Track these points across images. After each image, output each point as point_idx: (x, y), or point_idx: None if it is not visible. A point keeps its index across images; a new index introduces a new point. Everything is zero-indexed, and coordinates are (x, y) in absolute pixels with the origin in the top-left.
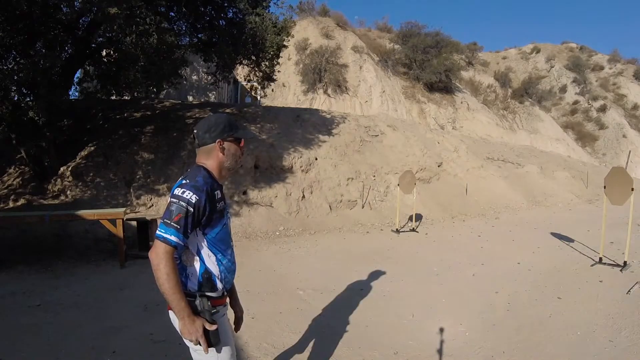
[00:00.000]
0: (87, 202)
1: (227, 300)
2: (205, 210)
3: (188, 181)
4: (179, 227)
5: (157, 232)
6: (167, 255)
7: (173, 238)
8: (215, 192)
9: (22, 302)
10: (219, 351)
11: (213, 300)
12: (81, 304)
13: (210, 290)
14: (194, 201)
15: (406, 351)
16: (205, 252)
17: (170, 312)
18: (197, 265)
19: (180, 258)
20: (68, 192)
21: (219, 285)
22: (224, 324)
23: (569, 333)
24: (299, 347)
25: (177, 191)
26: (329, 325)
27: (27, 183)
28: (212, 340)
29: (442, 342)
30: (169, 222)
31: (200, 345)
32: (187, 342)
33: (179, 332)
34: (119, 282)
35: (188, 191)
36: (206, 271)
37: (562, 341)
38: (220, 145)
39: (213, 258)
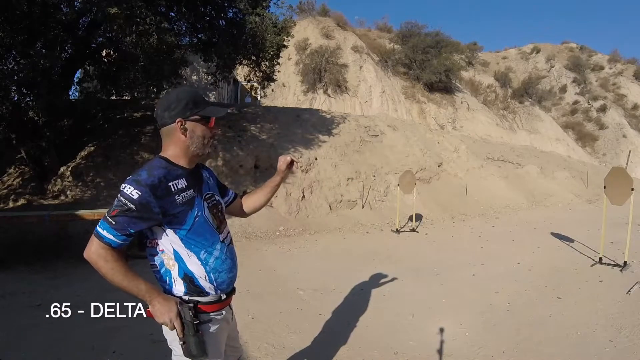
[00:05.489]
0: (87, 202)
1: (228, 304)
2: (154, 207)
3: (131, 176)
4: (113, 223)
5: (96, 226)
6: (103, 251)
7: (105, 233)
8: (172, 184)
9: (22, 302)
10: None
11: (204, 306)
12: (81, 304)
13: (198, 294)
14: (135, 197)
15: (406, 351)
16: (184, 252)
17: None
18: (176, 269)
19: (162, 263)
20: (68, 192)
21: (208, 288)
22: (215, 336)
23: (569, 333)
24: (298, 347)
25: (121, 186)
26: (329, 325)
27: (27, 183)
28: (196, 350)
29: (442, 342)
30: (106, 215)
31: (177, 344)
32: (169, 343)
33: (164, 333)
34: None
35: (129, 186)
36: (186, 275)
37: (562, 341)
38: (182, 125)
39: (194, 258)
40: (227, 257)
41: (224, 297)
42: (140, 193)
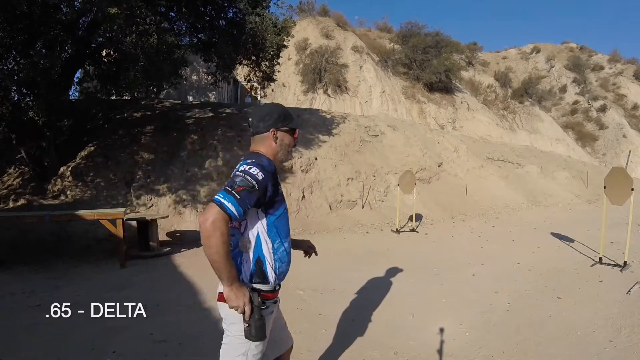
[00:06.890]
0: (87, 202)
1: (278, 296)
2: (268, 191)
3: (254, 160)
4: (239, 197)
5: (216, 196)
6: (223, 222)
7: (230, 206)
8: (277, 176)
9: (22, 302)
10: (254, 345)
11: (263, 294)
12: (81, 304)
13: (262, 281)
14: (260, 178)
15: (406, 351)
16: (264, 236)
17: (219, 302)
18: (251, 251)
19: (237, 244)
20: (68, 192)
21: (271, 275)
22: (269, 321)
23: (569, 333)
24: (298, 347)
25: (244, 167)
26: (329, 325)
27: (27, 183)
28: (256, 333)
29: (442, 342)
30: (230, 189)
31: (241, 323)
32: (224, 324)
33: (223, 316)
34: (119, 282)
35: (255, 168)
36: (259, 259)
37: (562, 341)
38: (274, 134)
39: (270, 245)
40: (289, 252)
41: (278, 287)
42: (264, 176)
